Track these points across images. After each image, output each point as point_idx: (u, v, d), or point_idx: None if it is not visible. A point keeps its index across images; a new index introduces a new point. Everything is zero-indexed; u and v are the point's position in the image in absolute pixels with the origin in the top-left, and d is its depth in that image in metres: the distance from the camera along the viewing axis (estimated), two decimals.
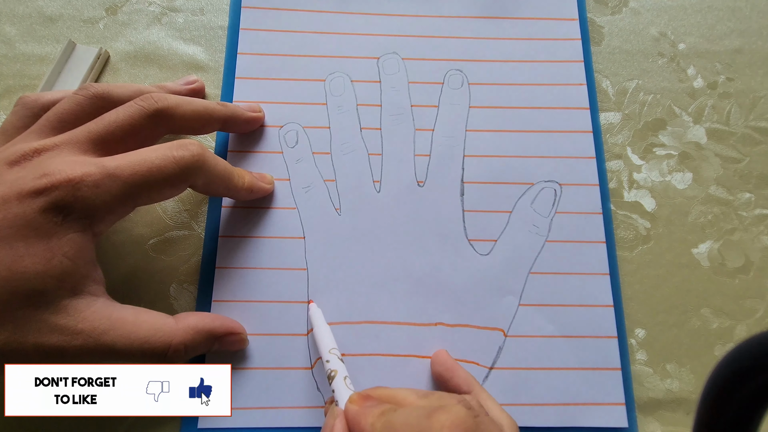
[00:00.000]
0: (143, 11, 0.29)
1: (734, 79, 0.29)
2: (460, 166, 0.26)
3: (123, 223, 0.25)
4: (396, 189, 0.26)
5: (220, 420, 0.22)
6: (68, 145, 0.19)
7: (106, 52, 0.28)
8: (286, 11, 0.29)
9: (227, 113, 0.24)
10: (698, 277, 0.25)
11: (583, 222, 0.25)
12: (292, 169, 0.26)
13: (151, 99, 0.21)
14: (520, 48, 0.29)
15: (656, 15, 0.30)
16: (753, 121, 0.28)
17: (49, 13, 0.29)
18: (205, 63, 0.28)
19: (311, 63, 0.28)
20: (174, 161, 0.20)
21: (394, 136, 0.27)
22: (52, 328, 0.18)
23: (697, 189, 0.27)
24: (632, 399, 0.23)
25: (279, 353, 0.23)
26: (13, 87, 0.28)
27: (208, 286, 0.24)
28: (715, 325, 0.25)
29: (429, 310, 0.24)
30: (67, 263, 0.18)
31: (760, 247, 0.26)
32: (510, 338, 0.23)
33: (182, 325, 0.20)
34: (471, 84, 0.28)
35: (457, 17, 0.29)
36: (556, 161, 0.26)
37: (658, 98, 0.29)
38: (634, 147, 0.28)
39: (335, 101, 0.27)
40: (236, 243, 0.24)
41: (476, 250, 0.25)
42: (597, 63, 0.29)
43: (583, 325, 0.24)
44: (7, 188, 0.18)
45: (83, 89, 0.21)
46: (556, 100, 0.28)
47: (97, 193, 0.18)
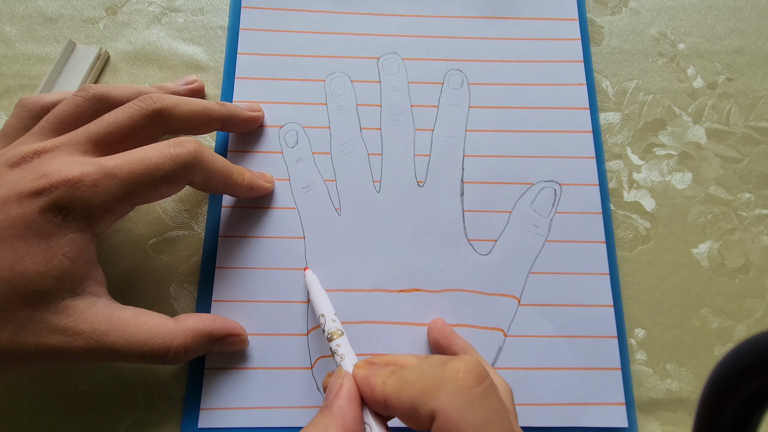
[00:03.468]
0: (143, 11, 0.29)
1: (734, 79, 0.29)
2: (459, 166, 0.26)
3: (123, 223, 0.25)
4: (396, 189, 0.26)
5: (220, 420, 0.22)
6: (68, 146, 0.19)
7: (106, 53, 0.28)
8: (286, 11, 0.29)
9: (226, 113, 0.24)
10: (698, 277, 0.25)
11: (583, 222, 0.25)
12: (292, 169, 0.26)
13: (149, 99, 0.21)
14: (520, 48, 0.29)
15: (656, 15, 0.30)
16: (753, 121, 0.28)
17: (49, 13, 0.29)
18: (205, 63, 0.28)
19: (311, 63, 0.28)
20: (171, 158, 0.20)
21: (394, 136, 0.27)
22: (52, 328, 0.18)
23: (697, 189, 0.27)
24: (632, 399, 0.23)
25: (279, 353, 0.23)
26: (13, 87, 0.28)
27: (208, 286, 0.24)
28: (715, 325, 0.25)
29: (429, 310, 0.24)
30: (68, 263, 0.18)
31: (759, 247, 0.26)
32: (510, 338, 0.23)
33: (182, 327, 0.20)
34: (471, 84, 0.28)
35: (456, 17, 0.29)
36: (556, 161, 0.26)
37: (657, 98, 0.29)
38: (633, 147, 0.28)
39: (335, 101, 0.27)
40: (236, 243, 0.24)
41: (476, 250, 0.25)
42: (597, 63, 0.29)
43: (583, 325, 0.24)
44: (7, 190, 0.18)
45: (82, 91, 0.21)
46: (556, 100, 0.28)
47: (96, 192, 0.18)
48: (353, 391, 0.17)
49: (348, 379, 0.17)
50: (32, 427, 0.22)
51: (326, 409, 0.17)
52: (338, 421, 0.16)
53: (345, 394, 0.17)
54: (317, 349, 0.23)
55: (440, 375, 0.15)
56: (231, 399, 0.22)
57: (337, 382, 0.17)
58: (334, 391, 0.17)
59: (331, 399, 0.17)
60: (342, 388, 0.17)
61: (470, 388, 0.15)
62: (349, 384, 0.17)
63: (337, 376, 0.18)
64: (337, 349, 0.19)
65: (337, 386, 0.17)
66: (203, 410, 0.22)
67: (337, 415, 0.16)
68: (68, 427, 0.22)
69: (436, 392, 0.15)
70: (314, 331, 0.23)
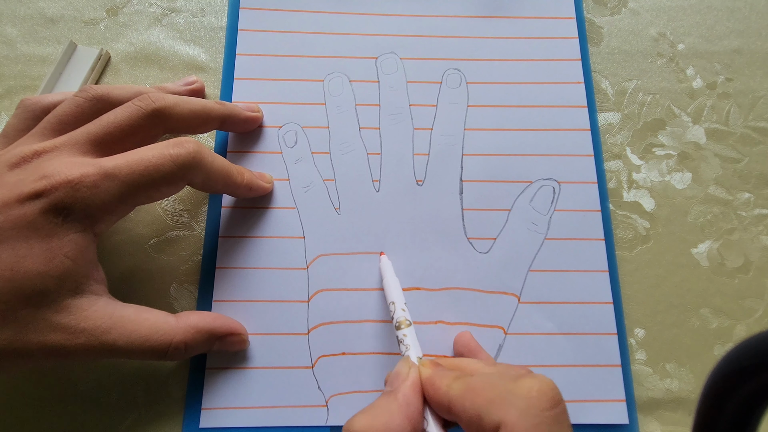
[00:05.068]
0: (144, 12, 0.29)
1: (733, 80, 0.29)
2: (458, 165, 0.26)
3: (123, 223, 0.25)
4: (395, 188, 0.26)
5: (221, 419, 0.22)
6: (68, 146, 0.19)
7: (107, 53, 0.28)
8: (284, 12, 0.29)
9: (225, 112, 0.24)
10: (698, 276, 0.25)
11: (582, 219, 0.25)
12: (292, 169, 0.26)
13: (148, 99, 0.21)
14: (518, 47, 0.29)
15: (655, 15, 0.30)
16: (752, 121, 0.28)
17: (51, 14, 0.29)
18: (205, 64, 0.28)
19: (310, 63, 0.28)
20: (171, 159, 0.20)
21: (392, 136, 0.27)
22: (54, 327, 0.18)
23: (697, 189, 0.27)
24: (632, 395, 0.23)
25: (279, 353, 0.23)
26: (15, 88, 0.28)
27: (209, 286, 0.24)
28: (715, 325, 0.25)
29: (429, 309, 0.24)
30: (68, 263, 0.18)
31: (759, 246, 0.26)
32: (510, 336, 0.23)
33: (183, 324, 0.20)
34: (469, 83, 0.28)
35: (454, 17, 0.29)
36: (555, 159, 0.26)
37: (657, 98, 0.29)
38: (633, 147, 0.28)
39: (334, 101, 0.27)
40: (236, 243, 0.24)
41: (475, 249, 0.25)
42: (596, 63, 0.29)
43: (582, 322, 0.24)
44: (7, 191, 0.18)
45: (83, 91, 0.21)
46: (554, 99, 0.28)
47: (96, 193, 0.18)
48: (419, 383, 0.17)
49: (415, 370, 0.18)
50: (32, 426, 0.22)
51: (391, 394, 0.17)
52: (403, 409, 0.16)
53: (411, 384, 0.17)
54: (318, 349, 0.23)
55: (511, 389, 0.15)
56: (232, 398, 0.22)
57: (404, 370, 0.18)
58: (401, 379, 0.17)
59: (397, 386, 0.17)
60: (409, 377, 0.17)
61: (543, 409, 0.15)
62: (416, 375, 0.17)
63: (403, 364, 0.18)
64: (404, 339, 0.19)
65: (404, 375, 0.17)
66: (204, 410, 0.22)
67: (402, 403, 0.16)
68: (68, 426, 0.22)
69: (505, 405, 0.15)
70: (315, 330, 0.23)
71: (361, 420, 0.16)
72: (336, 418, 0.22)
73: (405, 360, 0.18)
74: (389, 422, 0.16)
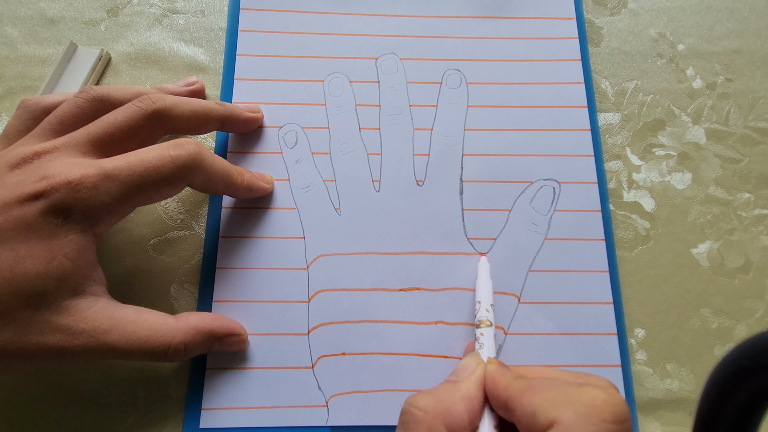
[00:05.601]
0: (144, 13, 0.29)
1: (733, 80, 0.29)
2: (459, 165, 0.26)
3: (123, 224, 0.25)
4: (395, 188, 0.26)
5: (221, 420, 0.22)
6: (68, 147, 0.19)
7: (108, 54, 0.28)
8: (285, 13, 0.29)
9: (225, 112, 0.24)
10: (698, 277, 0.25)
11: (582, 219, 0.25)
12: (292, 170, 0.26)
13: (148, 100, 0.21)
14: (518, 47, 0.29)
15: (655, 16, 0.30)
16: (752, 121, 0.28)
17: (51, 14, 0.29)
18: (205, 64, 0.28)
19: (310, 64, 0.28)
20: (171, 160, 0.20)
21: (392, 136, 0.27)
22: (53, 328, 0.18)
23: (697, 189, 0.27)
24: (632, 396, 0.23)
25: (280, 353, 0.23)
26: (15, 88, 0.28)
27: (209, 287, 0.24)
28: (715, 325, 0.25)
29: (429, 309, 0.24)
30: (68, 264, 0.18)
31: (759, 247, 0.26)
32: (510, 336, 0.23)
33: (182, 324, 0.20)
34: (469, 83, 0.28)
35: (454, 17, 0.29)
36: (555, 159, 0.26)
37: (657, 99, 0.29)
38: (633, 147, 0.28)
39: (334, 102, 0.27)
40: (237, 243, 0.24)
41: (476, 249, 0.25)
42: (596, 64, 0.29)
43: (582, 322, 0.24)
44: (8, 192, 0.18)
45: (83, 92, 0.21)
46: (554, 99, 0.28)
47: (96, 194, 0.18)
48: (483, 380, 0.18)
49: (482, 366, 0.18)
50: (32, 427, 0.22)
51: (455, 384, 0.18)
52: (466, 401, 0.17)
53: (476, 379, 0.18)
54: (318, 349, 0.23)
55: (573, 392, 0.15)
56: (232, 399, 0.22)
57: (472, 365, 0.18)
58: (468, 372, 0.18)
59: (462, 378, 0.18)
60: (475, 372, 0.18)
61: (604, 420, 0.14)
62: (482, 371, 0.18)
63: (472, 359, 0.19)
64: (480, 338, 0.20)
65: (471, 369, 0.18)
66: (204, 410, 0.22)
67: (465, 395, 0.17)
68: (68, 426, 0.22)
69: (563, 405, 0.15)
70: (315, 330, 0.23)
71: (425, 399, 0.17)
72: (336, 419, 0.22)
73: (474, 355, 0.19)
74: (450, 409, 0.16)
